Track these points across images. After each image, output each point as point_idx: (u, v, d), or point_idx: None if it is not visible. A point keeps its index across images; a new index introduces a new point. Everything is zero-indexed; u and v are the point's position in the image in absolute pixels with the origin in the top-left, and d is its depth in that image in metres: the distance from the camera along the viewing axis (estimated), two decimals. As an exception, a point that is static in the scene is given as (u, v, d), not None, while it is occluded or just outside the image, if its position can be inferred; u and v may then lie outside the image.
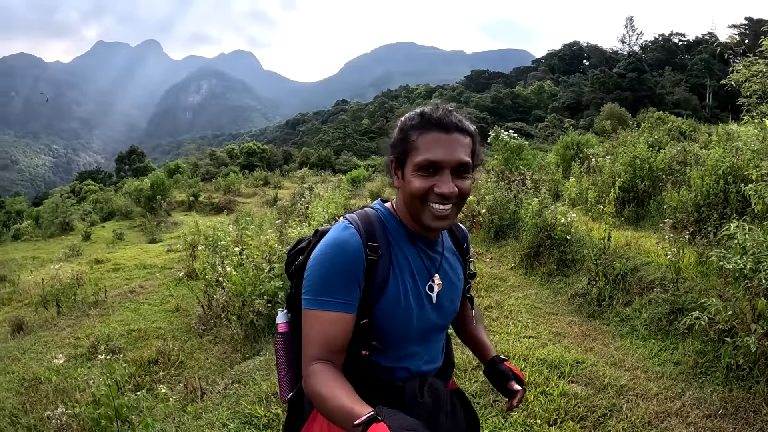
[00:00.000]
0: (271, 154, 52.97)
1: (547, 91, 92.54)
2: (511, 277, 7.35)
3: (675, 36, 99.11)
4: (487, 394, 3.94)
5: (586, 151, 15.97)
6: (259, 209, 17.66)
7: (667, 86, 78.38)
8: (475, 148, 1.47)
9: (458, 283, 1.62)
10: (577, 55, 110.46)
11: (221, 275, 5.73)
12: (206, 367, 5.11)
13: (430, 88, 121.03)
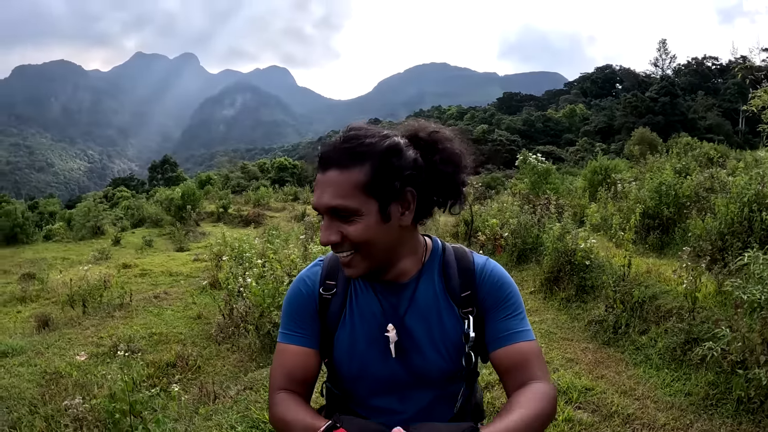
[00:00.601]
0: (302, 169, 53.52)
1: (578, 114, 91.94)
2: (530, 301, 7.32)
3: (708, 60, 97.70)
4: (489, 416, 3.93)
5: (614, 176, 15.87)
6: (286, 224, 17.89)
7: (700, 111, 77.13)
8: (373, 176, 1.21)
9: (447, 337, 1.35)
10: (610, 78, 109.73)
11: (243, 286, 5.92)
12: (222, 373, 5.26)
13: (462, 109, 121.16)
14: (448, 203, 1.37)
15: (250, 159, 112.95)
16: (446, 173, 1.30)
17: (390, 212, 1.24)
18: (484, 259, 1.43)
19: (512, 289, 1.39)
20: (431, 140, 1.32)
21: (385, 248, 1.28)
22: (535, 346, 1.34)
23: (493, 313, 1.36)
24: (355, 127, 1.29)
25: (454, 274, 1.39)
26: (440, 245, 1.46)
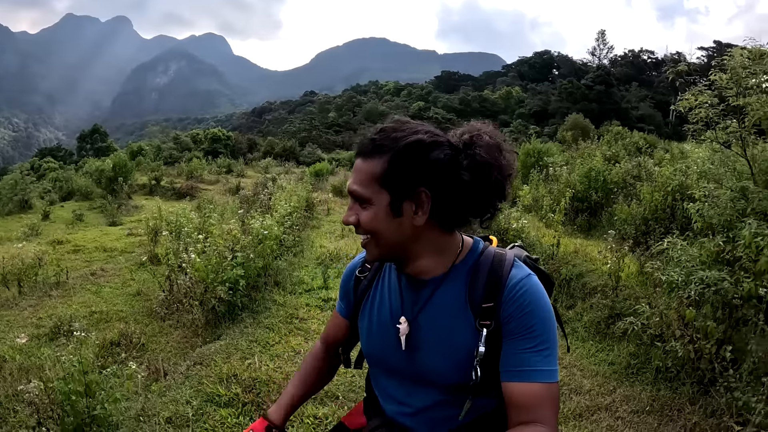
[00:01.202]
0: (235, 141, 52.35)
1: (514, 96, 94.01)
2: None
3: (644, 53, 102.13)
4: None
5: (546, 159, 16.49)
6: (221, 197, 17.53)
7: (633, 101, 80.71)
8: (390, 167, 1.25)
9: (457, 345, 1.32)
10: (548, 63, 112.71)
11: (185, 261, 5.85)
12: (167, 350, 5.22)
13: (399, 85, 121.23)
14: (481, 214, 1.33)
15: (183, 129, 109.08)
16: (467, 182, 1.25)
17: (402, 208, 1.27)
18: (523, 275, 1.32)
19: (542, 319, 1.27)
20: (469, 144, 1.28)
21: (394, 242, 1.31)
22: (550, 390, 1.25)
23: (513, 340, 1.28)
24: (396, 119, 1.32)
25: (480, 282, 1.32)
26: (480, 249, 1.39)
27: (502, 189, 1.29)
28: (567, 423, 3.94)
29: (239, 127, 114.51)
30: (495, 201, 1.31)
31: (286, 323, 5.58)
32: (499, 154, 1.28)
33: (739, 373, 3.88)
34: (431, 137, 1.26)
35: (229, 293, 5.53)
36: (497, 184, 1.27)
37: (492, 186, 1.27)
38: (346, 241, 9.45)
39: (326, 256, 8.10)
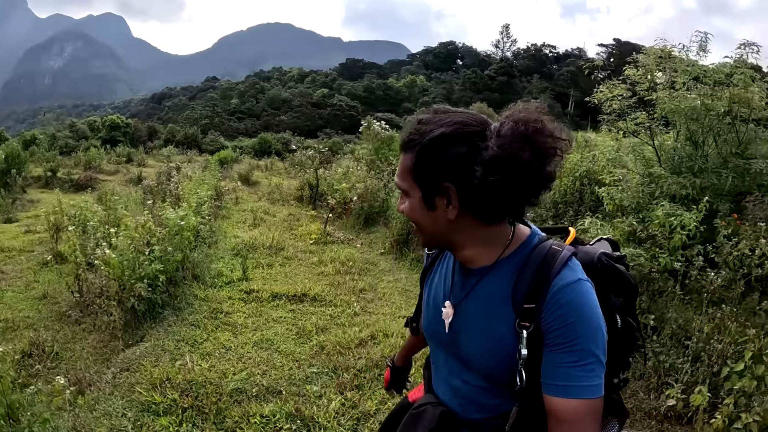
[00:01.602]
0: (135, 129, 49.82)
1: (419, 85, 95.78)
2: (381, 262, 7.71)
3: (546, 47, 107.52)
4: (372, 369, 4.29)
5: (453, 146, 16.91)
6: (123, 188, 16.57)
7: (534, 92, 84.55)
8: (417, 162, 1.26)
9: (495, 340, 1.30)
10: (452, 54, 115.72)
11: (97, 258, 5.44)
12: (85, 357, 4.76)
13: (303, 72, 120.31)
14: (513, 207, 1.26)
15: (78, 116, 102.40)
16: (480, 178, 1.19)
17: (435, 202, 1.27)
18: (571, 280, 1.24)
19: (587, 331, 1.21)
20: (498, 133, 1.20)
21: (433, 232, 1.33)
22: (592, 406, 1.21)
23: (555, 352, 1.23)
24: (434, 108, 1.30)
25: (525, 280, 1.27)
26: (533, 243, 1.33)
27: (524, 181, 1.18)
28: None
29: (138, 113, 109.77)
30: (522, 193, 1.21)
31: (212, 318, 5.38)
32: (522, 145, 1.16)
33: (662, 338, 4.26)
34: (456, 130, 1.21)
35: (148, 290, 5.19)
36: (514, 176, 1.16)
37: (507, 179, 1.16)
38: (260, 230, 9.28)
39: (241, 246, 7.95)
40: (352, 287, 6.39)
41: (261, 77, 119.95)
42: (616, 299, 1.39)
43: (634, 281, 1.43)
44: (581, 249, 1.42)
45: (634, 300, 1.46)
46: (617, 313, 1.39)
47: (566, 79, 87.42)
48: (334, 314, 5.54)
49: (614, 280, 1.38)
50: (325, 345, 4.74)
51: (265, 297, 5.92)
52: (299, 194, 13.57)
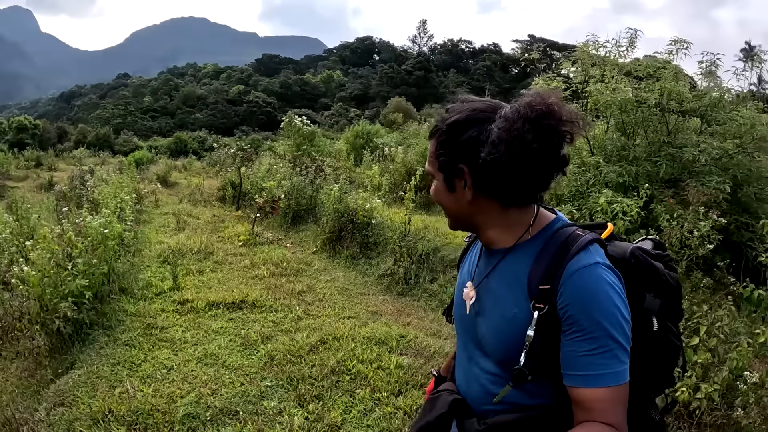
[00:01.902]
0: (44, 130, 46.99)
1: (336, 80, 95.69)
2: (315, 261, 7.49)
3: (462, 42, 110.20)
4: (329, 377, 4.05)
5: (376, 140, 16.93)
6: (33, 195, 15.37)
7: (451, 86, 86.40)
8: (438, 147, 1.32)
9: (507, 321, 1.30)
10: (369, 49, 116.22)
11: (13, 276, 4.75)
12: (10, 391, 4.05)
13: (218, 68, 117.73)
14: (525, 189, 1.28)
15: None
16: (487, 160, 1.22)
17: (454, 185, 1.32)
18: (588, 262, 1.23)
19: (603, 315, 1.19)
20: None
21: (456, 214, 1.39)
22: (618, 392, 1.19)
23: (574, 341, 1.21)
24: (459, 98, 1.36)
25: (543, 262, 1.27)
26: (555, 228, 1.33)
27: (529, 163, 1.20)
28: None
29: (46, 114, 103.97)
30: (529, 175, 1.23)
31: (147, 336, 4.81)
32: (526, 127, 1.18)
33: None
34: (469, 115, 1.28)
35: (74, 309, 4.57)
36: (516, 157, 1.19)
37: (511, 160, 1.19)
38: (185, 234, 8.77)
39: (168, 253, 7.40)
40: (290, 290, 6.11)
41: (175, 73, 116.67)
42: (652, 300, 1.33)
43: (674, 282, 1.38)
44: (615, 243, 1.40)
45: (676, 303, 1.39)
46: (654, 315, 1.33)
47: (482, 74, 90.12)
48: (276, 320, 5.22)
49: (649, 277, 1.34)
50: (274, 354, 4.42)
51: (200, 307, 5.45)
52: (221, 194, 13.07)
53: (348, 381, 4.02)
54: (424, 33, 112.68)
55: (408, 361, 4.33)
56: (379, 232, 7.58)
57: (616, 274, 1.25)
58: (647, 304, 1.32)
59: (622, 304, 1.21)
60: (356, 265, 7.23)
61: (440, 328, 5.14)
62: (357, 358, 4.35)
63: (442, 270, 6.35)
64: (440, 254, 6.60)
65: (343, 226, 7.94)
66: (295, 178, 10.52)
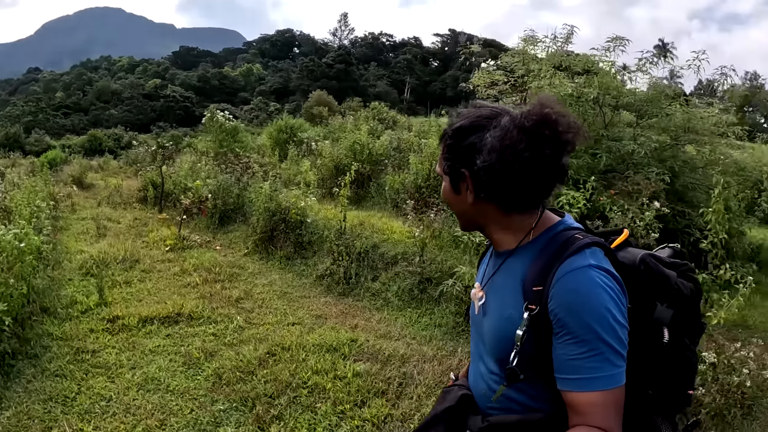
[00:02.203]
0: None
1: (255, 74, 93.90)
2: (249, 264, 7.13)
3: (383, 36, 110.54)
4: (285, 392, 3.78)
5: (300, 134, 16.57)
6: None
7: (371, 79, 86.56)
8: (445, 150, 1.37)
9: (503, 322, 1.31)
10: (289, 42, 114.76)
11: None
12: None
13: (134, 61, 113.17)
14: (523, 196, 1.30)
15: None
16: (483, 167, 1.26)
17: (459, 187, 1.36)
18: (579, 265, 1.21)
19: (593, 318, 1.16)
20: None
21: (461, 214, 1.44)
22: (611, 396, 1.17)
23: (565, 344, 1.20)
24: (472, 103, 1.39)
25: (539, 264, 1.27)
26: (557, 231, 1.32)
27: (523, 171, 1.22)
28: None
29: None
30: (526, 182, 1.25)
31: (78, 362, 4.20)
32: (519, 136, 1.21)
33: None
34: (472, 122, 1.30)
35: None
36: (509, 165, 1.22)
37: (505, 168, 1.23)
38: (108, 242, 8.03)
39: (91, 263, 6.72)
40: (227, 297, 5.74)
41: (88, 67, 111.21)
42: (663, 310, 1.29)
43: (687, 292, 1.33)
44: (628, 249, 1.38)
45: (691, 315, 1.34)
46: (666, 327, 1.28)
47: (403, 67, 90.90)
48: (217, 332, 4.83)
49: (659, 286, 1.30)
50: (221, 373, 4.04)
51: (133, 324, 4.90)
52: (142, 195, 12.32)
53: (306, 395, 3.76)
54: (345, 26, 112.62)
55: (365, 368, 4.15)
56: (313, 231, 7.32)
57: (614, 277, 1.22)
58: (657, 314, 1.28)
59: (614, 306, 1.18)
60: (292, 266, 6.97)
61: (389, 329, 5.01)
62: (311, 368, 4.10)
63: (383, 267, 6.18)
64: (380, 251, 6.43)
65: (275, 225, 7.64)
66: (220, 176, 10.09)
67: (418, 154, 9.93)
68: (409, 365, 4.25)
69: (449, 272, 5.46)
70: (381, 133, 13.83)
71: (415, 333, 4.96)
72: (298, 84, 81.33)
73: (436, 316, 5.22)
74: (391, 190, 9.58)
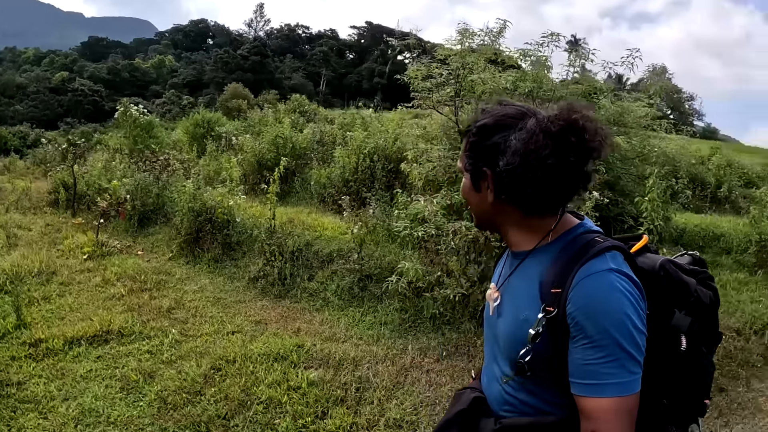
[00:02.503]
0: None
1: (167, 66, 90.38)
2: (175, 269, 6.72)
3: (299, 27, 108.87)
4: (240, 411, 3.54)
5: (218, 129, 16.04)
6: None
7: (287, 72, 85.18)
8: (467, 147, 1.35)
9: (519, 323, 1.29)
10: (203, 32, 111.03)
11: None
12: None
13: (40, 53, 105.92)
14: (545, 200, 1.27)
15: None
16: (505, 169, 1.24)
17: (480, 185, 1.34)
18: (599, 269, 1.19)
19: (612, 323, 1.14)
20: None
21: (479, 213, 1.41)
22: (621, 404, 1.15)
23: (581, 348, 1.18)
24: (497, 99, 1.38)
25: (558, 266, 1.24)
26: (576, 233, 1.30)
27: (546, 176, 1.20)
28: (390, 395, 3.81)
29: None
30: (548, 188, 1.22)
31: (2, 398, 3.65)
32: (545, 141, 1.19)
33: None
34: (497, 121, 1.28)
35: None
36: (532, 169, 1.20)
37: (526, 172, 1.21)
38: (20, 252, 7.14)
39: (3, 279, 5.95)
40: (157, 308, 5.31)
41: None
42: (682, 317, 1.27)
43: (707, 300, 1.32)
44: (647, 255, 1.37)
45: (709, 323, 1.33)
46: (683, 334, 1.26)
47: (319, 59, 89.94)
48: (152, 349, 4.39)
49: (678, 293, 1.29)
50: (165, 395, 3.66)
51: (58, 347, 4.34)
52: (53, 198, 11.42)
53: (262, 412, 3.53)
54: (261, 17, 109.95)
55: (318, 375, 3.99)
56: (241, 230, 7.04)
57: (634, 282, 1.20)
58: (675, 321, 1.27)
59: (634, 312, 1.16)
60: (222, 268, 6.66)
61: (334, 331, 4.87)
62: (262, 381, 3.86)
63: (319, 266, 6.02)
64: (314, 249, 6.26)
65: (200, 226, 7.26)
66: (137, 174, 9.55)
67: (344, 147, 9.77)
68: (362, 368, 4.15)
69: (389, 268, 5.39)
70: (303, 126, 13.58)
71: (361, 333, 4.85)
72: (212, 77, 78.91)
73: (380, 314, 5.12)
74: (317, 185, 9.40)
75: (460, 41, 6.91)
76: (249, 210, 7.84)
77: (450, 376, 4.12)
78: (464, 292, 4.64)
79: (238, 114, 24.78)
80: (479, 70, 6.50)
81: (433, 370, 4.19)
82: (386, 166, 8.37)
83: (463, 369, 4.21)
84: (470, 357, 4.39)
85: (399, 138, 8.92)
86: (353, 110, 17.63)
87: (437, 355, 4.40)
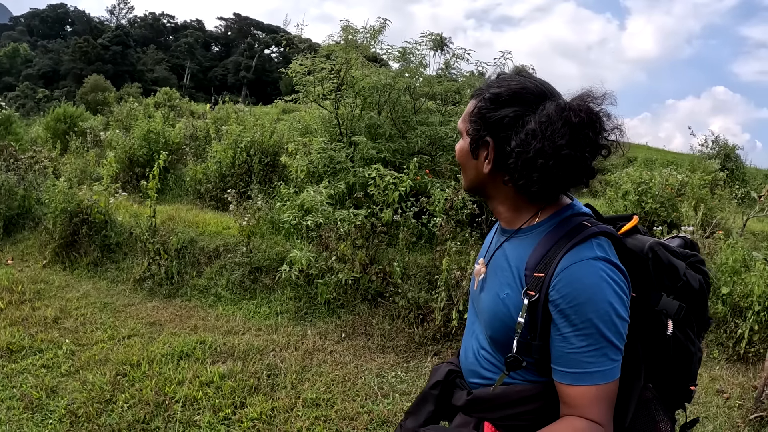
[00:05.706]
0: None
1: (22, 55, 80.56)
2: (53, 277, 6.09)
3: (164, 17, 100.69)
4: (158, 413, 3.34)
5: (81, 124, 14.78)
6: None
7: (149, 63, 79.18)
8: (474, 111, 1.24)
9: (498, 300, 1.23)
10: (62, 18, 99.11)
11: None
12: None
13: None
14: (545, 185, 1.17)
15: None
16: (514, 149, 1.16)
17: (478, 152, 1.25)
18: (585, 256, 1.11)
19: (596, 312, 1.08)
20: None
21: (472, 178, 1.31)
22: (605, 390, 1.10)
23: (564, 336, 1.12)
24: (517, 70, 1.32)
25: (543, 248, 1.17)
26: (565, 215, 1.22)
27: (555, 165, 1.12)
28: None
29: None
30: (552, 177, 1.14)
31: None
32: (563, 130, 1.11)
33: (411, 280, 4.86)
34: (512, 94, 1.19)
35: None
36: (543, 157, 1.12)
37: (537, 157, 1.12)
38: None
39: None
40: (42, 319, 4.78)
41: None
42: (669, 301, 1.21)
43: (696, 284, 1.24)
44: (637, 236, 1.29)
45: (697, 308, 1.26)
46: (670, 318, 1.20)
47: (183, 51, 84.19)
48: (48, 363, 3.96)
49: (667, 276, 1.22)
50: (74, 409, 3.32)
51: None
52: None
53: (181, 411, 3.35)
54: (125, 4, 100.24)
55: (227, 367, 3.91)
56: (120, 231, 6.57)
57: (620, 270, 1.13)
58: (662, 305, 1.21)
59: (618, 301, 1.10)
60: (103, 272, 6.16)
61: (232, 325, 4.77)
62: (173, 381, 3.69)
63: (206, 262, 5.82)
64: (199, 245, 6.03)
65: (75, 228, 6.64)
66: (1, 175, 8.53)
67: (219, 141, 9.40)
68: (268, 356, 4.14)
69: (278, 259, 5.38)
70: (175, 121, 12.86)
71: (259, 324, 4.81)
72: (70, 67, 71.48)
73: (275, 304, 5.10)
74: (192, 181, 8.97)
75: (344, 38, 6.94)
76: (126, 209, 7.30)
77: (353, 354, 4.26)
78: (356, 276, 4.76)
79: (102, 108, 22.88)
80: (359, 66, 6.65)
81: (335, 351, 4.29)
82: (263, 159, 8.18)
83: (364, 347, 4.37)
84: (368, 336, 4.54)
85: (276, 132, 8.75)
86: (227, 104, 16.87)
87: (337, 337, 4.50)
